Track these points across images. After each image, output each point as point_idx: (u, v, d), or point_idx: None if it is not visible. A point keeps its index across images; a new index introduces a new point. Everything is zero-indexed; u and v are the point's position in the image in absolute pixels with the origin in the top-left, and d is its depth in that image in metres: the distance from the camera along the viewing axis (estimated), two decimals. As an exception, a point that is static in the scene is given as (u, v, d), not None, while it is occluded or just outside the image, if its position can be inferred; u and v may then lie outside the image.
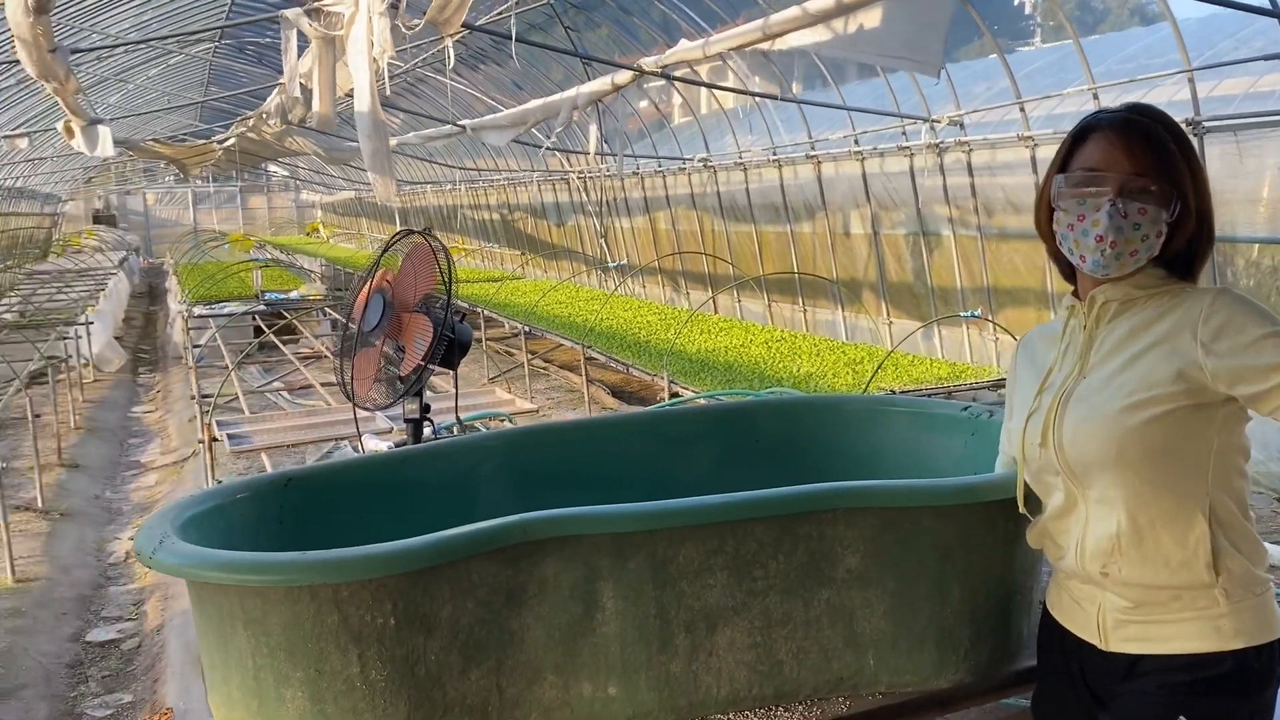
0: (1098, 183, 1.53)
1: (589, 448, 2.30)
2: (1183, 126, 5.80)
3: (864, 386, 5.33)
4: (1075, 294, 1.65)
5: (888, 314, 8.91)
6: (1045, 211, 1.62)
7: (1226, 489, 1.51)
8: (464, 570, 1.55)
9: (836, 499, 1.69)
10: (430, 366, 3.00)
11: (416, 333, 2.98)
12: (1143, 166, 1.51)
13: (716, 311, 10.75)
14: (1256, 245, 5.99)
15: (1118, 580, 1.53)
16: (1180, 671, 1.50)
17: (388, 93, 5.18)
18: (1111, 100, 6.65)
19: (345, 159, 12.88)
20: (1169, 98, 6.18)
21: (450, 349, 3.01)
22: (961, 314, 6.34)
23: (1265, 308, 1.50)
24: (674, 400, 6.36)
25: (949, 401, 2.36)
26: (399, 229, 3.30)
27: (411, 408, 3.14)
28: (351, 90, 5.26)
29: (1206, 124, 5.91)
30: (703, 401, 5.85)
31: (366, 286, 3.12)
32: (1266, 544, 4.83)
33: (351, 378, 3.09)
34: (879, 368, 5.75)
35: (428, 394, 6.48)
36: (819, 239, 9.70)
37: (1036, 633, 1.76)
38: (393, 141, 12.17)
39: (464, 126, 9.29)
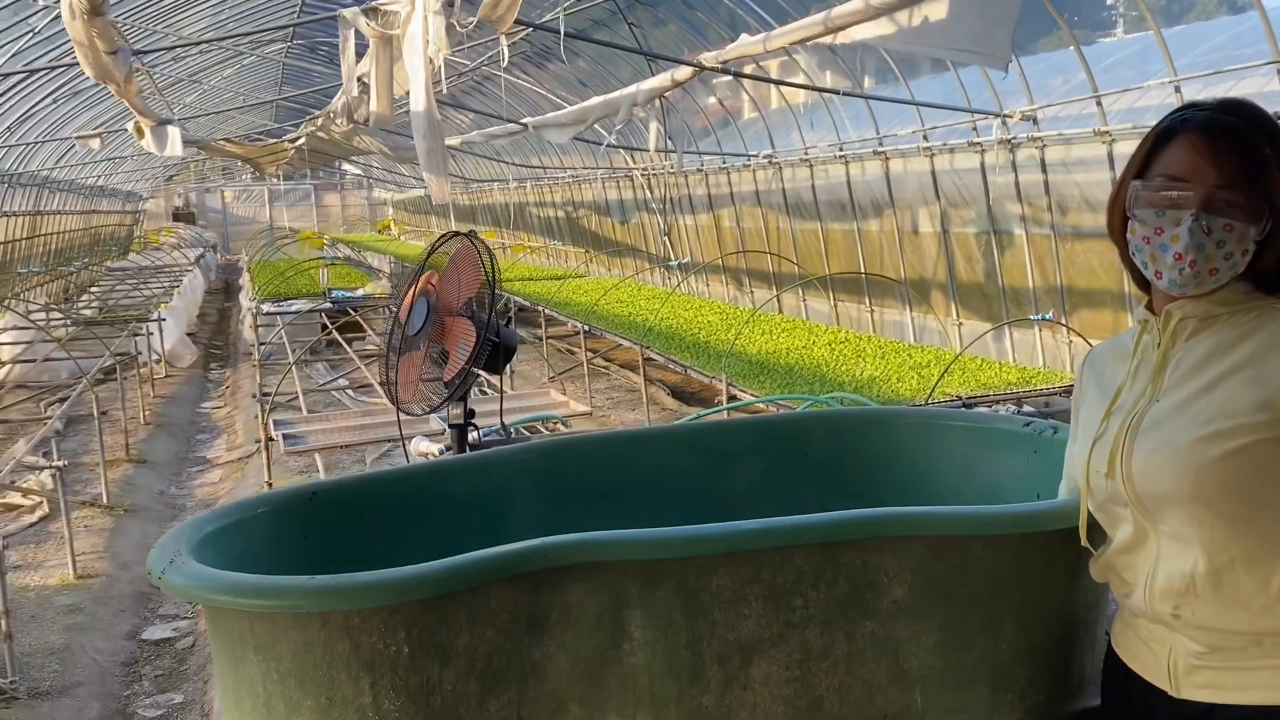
0: (1180, 194, 1.37)
1: (627, 461, 2.22)
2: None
3: (929, 391, 5.16)
4: (1149, 306, 1.51)
5: (957, 315, 8.67)
6: (1119, 217, 1.47)
7: None
8: (482, 596, 1.48)
9: (882, 526, 1.58)
10: (474, 371, 2.95)
11: (460, 337, 2.93)
12: (1231, 177, 1.35)
13: (781, 311, 10.59)
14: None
15: (1190, 623, 1.40)
16: (1258, 723, 1.37)
17: (444, 91, 5.15)
18: (1195, 93, 6.35)
19: (412, 158, 12.96)
20: (1259, 89, 5.86)
21: (495, 353, 2.95)
22: (1032, 317, 6.11)
23: None
24: (732, 403, 6.24)
25: (1010, 416, 2.23)
26: (446, 230, 3.25)
27: (456, 413, 3.09)
28: (409, 90, 5.25)
29: (1298, 118, 5.61)
30: (762, 405, 5.74)
31: (412, 290, 3.08)
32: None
33: (395, 382, 3.05)
34: (944, 372, 5.57)
35: (487, 393, 6.43)
36: (886, 237, 9.49)
37: (1100, 670, 1.64)
38: (457, 140, 12.24)
39: (525, 124, 9.27)
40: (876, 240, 9.67)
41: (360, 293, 12.45)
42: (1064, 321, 6.99)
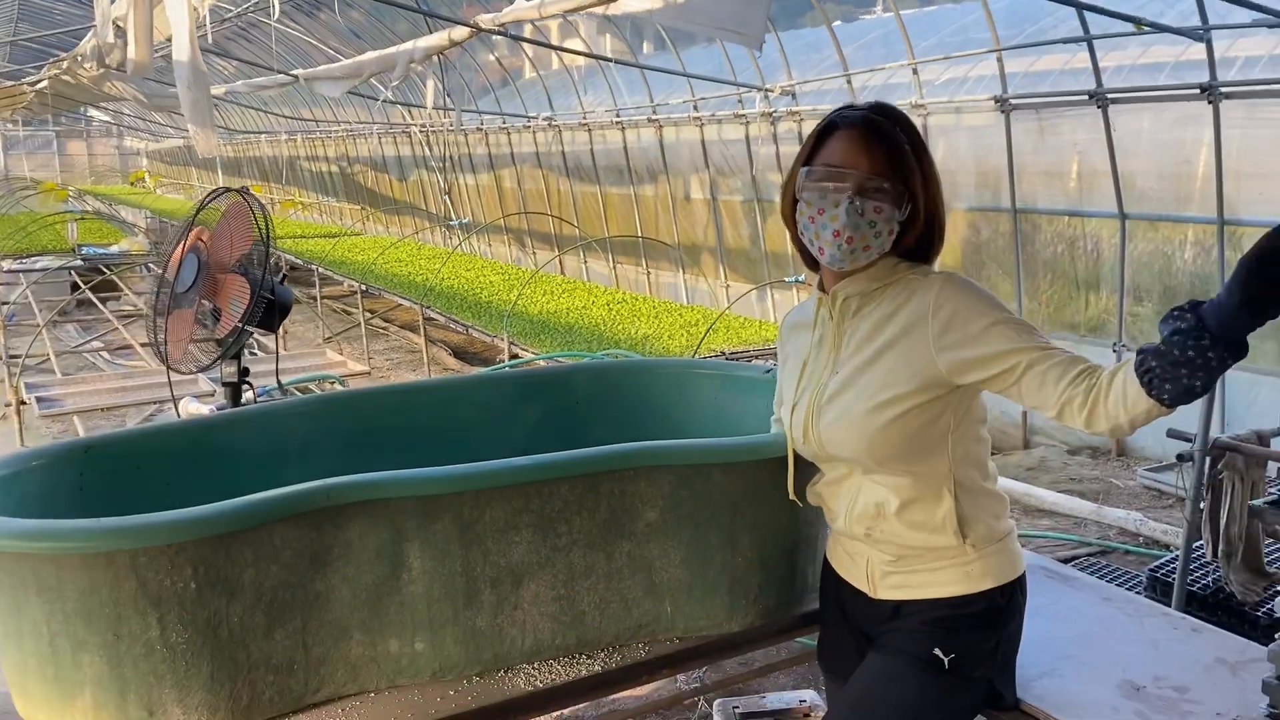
0: (838, 179, 1.59)
1: (410, 413, 2.32)
2: (990, 102, 6.00)
3: (694, 348, 5.49)
4: (821, 285, 1.73)
5: (725, 278, 9.14)
6: (790, 201, 1.68)
7: (966, 459, 1.66)
8: (266, 535, 1.57)
9: (635, 458, 1.78)
10: (248, 329, 2.95)
11: (233, 294, 2.92)
12: (880, 167, 1.59)
13: (563, 272, 10.78)
14: (1064, 217, 6.32)
15: (880, 540, 1.69)
16: (936, 610, 1.67)
17: (209, 41, 4.97)
18: (931, 76, 6.96)
19: (170, 106, 12.21)
20: (992, 72, 6.38)
21: (270, 310, 2.96)
22: (787, 279, 6.57)
23: (991, 294, 1.62)
24: (513, 361, 6.40)
25: (753, 365, 2.50)
26: (215, 187, 3.21)
27: (230, 371, 3.08)
28: (171, 36, 5.03)
29: (1013, 101, 6.25)
30: (542, 363, 5.92)
31: (181, 246, 3.03)
32: (1053, 492, 5.21)
33: (164, 340, 3.01)
34: (709, 330, 5.93)
35: (256, 354, 6.27)
36: (661, 202, 9.84)
37: (819, 579, 1.91)
38: (222, 89, 11.63)
39: (296, 76, 8.97)
40: (652, 205, 10.01)
41: (114, 249, 11.67)
42: (818, 283, 7.51)
